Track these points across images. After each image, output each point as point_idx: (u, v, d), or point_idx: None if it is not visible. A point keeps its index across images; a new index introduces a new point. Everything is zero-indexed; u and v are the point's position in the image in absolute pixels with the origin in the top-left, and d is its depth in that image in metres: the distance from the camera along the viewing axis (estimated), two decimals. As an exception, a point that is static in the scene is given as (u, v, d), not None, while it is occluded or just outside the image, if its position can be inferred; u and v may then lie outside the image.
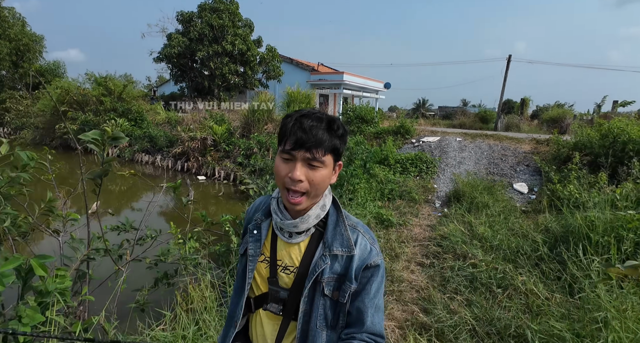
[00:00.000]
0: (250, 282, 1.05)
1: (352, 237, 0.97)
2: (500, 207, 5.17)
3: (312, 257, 0.97)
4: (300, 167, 0.88)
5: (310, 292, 0.97)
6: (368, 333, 0.94)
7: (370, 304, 0.95)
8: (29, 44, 24.94)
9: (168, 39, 20.28)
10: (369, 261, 0.95)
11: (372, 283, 0.96)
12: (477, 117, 22.18)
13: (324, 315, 0.97)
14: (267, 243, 1.05)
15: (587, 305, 2.32)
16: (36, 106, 17.66)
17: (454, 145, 8.59)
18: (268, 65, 21.02)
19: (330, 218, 1.00)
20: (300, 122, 0.87)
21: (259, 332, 1.06)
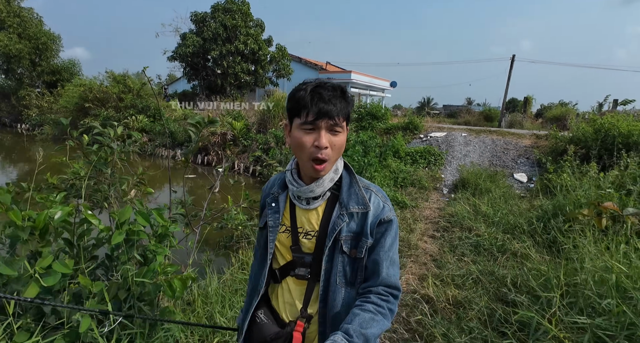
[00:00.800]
0: (272, 252, 1.11)
1: (366, 195, 1.03)
2: (501, 192, 5.83)
3: (330, 219, 1.03)
4: (324, 134, 0.94)
5: (330, 251, 1.03)
6: (383, 286, 1.00)
7: (385, 257, 1.01)
8: (46, 43, 25.69)
9: (182, 39, 21.02)
10: (382, 216, 1.02)
11: (386, 237, 1.02)
12: (481, 115, 22.72)
13: (343, 272, 1.03)
14: (286, 214, 1.11)
15: (568, 254, 2.98)
16: (59, 103, 18.43)
17: (460, 140, 9.24)
18: (278, 64, 21.70)
19: (344, 180, 1.06)
20: (319, 93, 0.93)
21: (287, 299, 1.11)
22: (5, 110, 27.46)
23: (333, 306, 1.02)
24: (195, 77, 22.00)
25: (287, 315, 1.10)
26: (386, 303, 0.97)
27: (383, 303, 0.97)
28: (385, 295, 0.98)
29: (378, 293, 0.98)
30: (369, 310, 0.94)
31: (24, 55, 24.57)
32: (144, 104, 15.70)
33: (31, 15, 26.57)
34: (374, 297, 0.98)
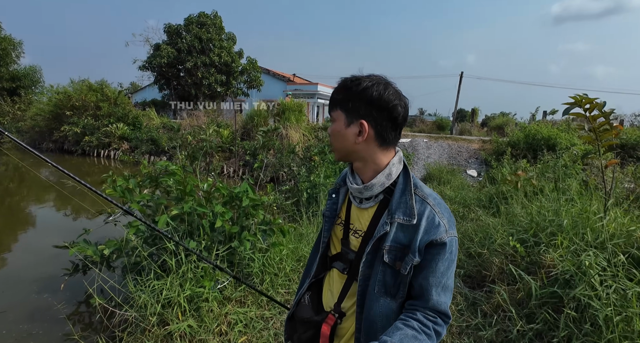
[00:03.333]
0: (326, 241, 1.15)
1: (418, 207, 0.95)
2: (459, 182, 7.56)
3: (377, 223, 0.99)
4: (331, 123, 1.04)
5: (370, 257, 0.99)
6: (432, 310, 0.93)
7: (435, 283, 0.93)
8: (6, 49, 24.83)
9: (156, 49, 21.52)
10: (435, 237, 0.92)
11: (438, 262, 0.93)
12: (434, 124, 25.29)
13: (383, 281, 0.98)
14: (343, 207, 1.12)
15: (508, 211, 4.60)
16: (31, 110, 18.20)
17: (422, 145, 11.06)
18: (249, 75, 22.84)
19: (398, 186, 1.00)
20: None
21: (330, 288, 1.14)
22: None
23: (369, 314, 0.99)
24: (167, 86, 22.51)
25: (327, 302, 1.13)
26: (433, 324, 0.91)
27: (429, 323, 0.91)
28: (433, 316, 0.93)
29: (425, 313, 0.93)
30: (412, 327, 0.88)
31: (-22, 61, 23.64)
32: (121, 112, 16.15)
33: (-16, 19, 25.53)
34: (420, 315, 0.92)
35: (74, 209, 7.71)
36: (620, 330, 2.00)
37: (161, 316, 2.41)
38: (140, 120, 16.43)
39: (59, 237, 3.68)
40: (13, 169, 14.32)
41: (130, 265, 2.75)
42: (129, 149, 15.26)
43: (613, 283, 2.18)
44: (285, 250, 3.26)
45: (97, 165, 14.48)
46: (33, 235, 6.57)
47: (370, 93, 0.93)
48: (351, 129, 0.97)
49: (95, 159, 15.56)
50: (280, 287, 3.12)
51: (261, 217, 3.27)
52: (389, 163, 1.00)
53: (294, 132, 13.44)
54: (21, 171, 13.94)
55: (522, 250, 2.93)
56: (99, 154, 15.60)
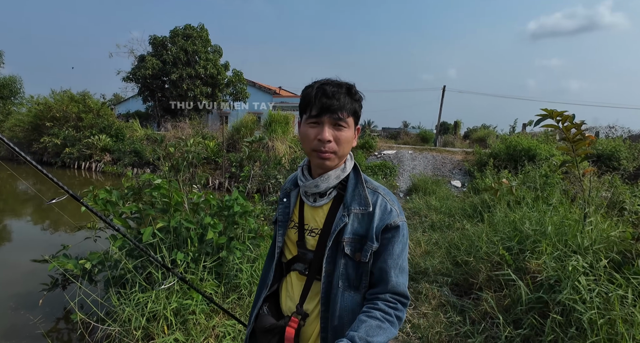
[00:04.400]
0: (281, 247, 1.15)
1: (371, 197, 1.02)
2: (443, 193, 7.67)
3: (333, 218, 1.03)
4: (327, 129, 0.96)
5: (332, 252, 1.02)
6: (392, 293, 0.98)
7: (394, 265, 0.98)
8: (-18, 59, 24.27)
9: (140, 61, 21.38)
10: (389, 221, 0.99)
11: (395, 244, 0.99)
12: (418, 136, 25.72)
13: (345, 275, 1.01)
14: (295, 210, 1.13)
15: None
16: (9, 121, 17.70)
17: (408, 156, 11.22)
18: (235, 88, 22.87)
19: (350, 181, 1.06)
20: (323, 89, 0.95)
21: (289, 293, 1.13)
22: None
23: (334, 309, 1.00)
24: (151, 98, 22.30)
25: (287, 308, 1.12)
26: (394, 310, 0.95)
27: (391, 310, 0.95)
28: (393, 302, 0.96)
29: (386, 300, 0.96)
30: (376, 318, 0.92)
31: (-46, 71, 22.97)
32: (104, 123, 15.88)
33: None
34: (381, 304, 0.95)
35: (52, 223, 7.47)
36: (604, 332, 2.04)
37: (146, 330, 2.35)
38: (124, 132, 16.18)
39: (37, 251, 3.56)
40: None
41: (114, 279, 2.67)
42: (112, 160, 14.97)
43: (596, 286, 2.24)
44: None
45: (77, 178, 14.10)
46: (9, 250, 6.31)
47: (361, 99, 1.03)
48: (354, 134, 1.04)
49: (75, 171, 15.17)
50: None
51: (252, 224, 3.24)
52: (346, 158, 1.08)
53: (280, 144, 13.46)
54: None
55: (509, 258, 2.98)
56: (80, 166, 15.23)
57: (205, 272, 2.73)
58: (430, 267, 3.75)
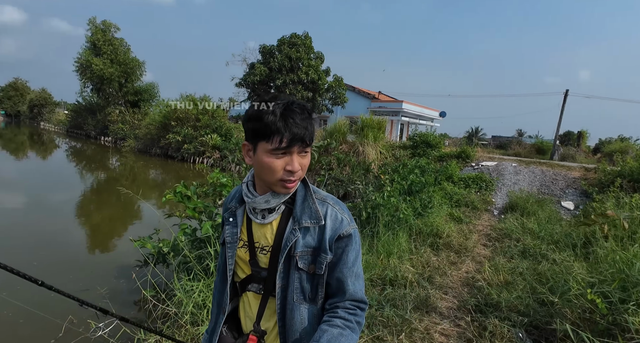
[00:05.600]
0: (232, 268, 1.10)
1: (321, 209, 1.00)
2: (547, 215, 6.62)
3: (283, 233, 1.00)
4: (296, 158, 0.93)
5: (285, 267, 1.01)
6: (351, 301, 0.99)
7: (349, 273, 0.99)
8: (133, 68, 29.50)
9: (251, 68, 23.51)
10: (341, 231, 0.99)
11: (348, 252, 1.00)
12: (533, 147, 22.84)
13: (300, 288, 1.00)
14: (243, 229, 1.09)
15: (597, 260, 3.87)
16: (145, 120, 21.27)
17: (510, 169, 10.01)
18: (335, 92, 23.49)
19: (298, 194, 1.03)
20: (291, 118, 0.89)
21: (247, 312, 1.11)
22: (91, 124, 31.49)
23: (292, 324, 1.00)
24: (259, 102, 24.32)
25: (247, 328, 1.11)
26: (354, 316, 0.97)
27: (351, 317, 0.96)
28: (352, 309, 0.98)
29: (345, 307, 0.98)
30: (337, 326, 0.93)
31: (114, 78, 28.35)
32: (217, 124, 17.85)
33: (122, 44, 30.59)
34: (341, 312, 0.97)
35: (172, 207, 8.68)
36: None
37: (194, 316, 2.52)
38: (232, 132, 17.97)
39: (149, 231, 4.08)
40: (129, 169, 16.68)
41: (180, 265, 2.94)
42: (219, 157, 16.73)
43: None
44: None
45: (191, 171, 16.16)
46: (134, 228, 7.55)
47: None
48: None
49: (191, 164, 17.39)
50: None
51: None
52: None
53: (370, 149, 13.34)
54: (134, 171, 16.22)
55: (603, 307, 2.40)
56: (195, 160, 17.40)
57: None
58: (504, 301, 3.26)
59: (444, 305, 3.42)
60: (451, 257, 4.75)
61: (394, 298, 3.40)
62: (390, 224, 5.04)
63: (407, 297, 3.42)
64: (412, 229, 5.32)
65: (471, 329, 2.97)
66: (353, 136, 14.90)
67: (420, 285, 3.75)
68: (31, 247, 5.89)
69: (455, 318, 3.20)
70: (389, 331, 2.84)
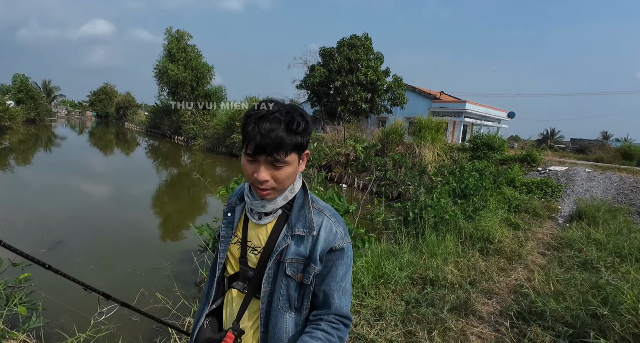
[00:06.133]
0: (223, 262, 1.12)
1: (316, 219, 1.00)
2: (618, 226, 6.02)
3: (277, 238, 1.01)
4: (264, 169, 0.91)
5: (273, 272, 1.01)
6: (335, 315, 0.98)
7: (337, 287, 0.99)
8: (204, 72, 31.78)
9: (311, 70, 24.12)
10: (334, 244, 0.99)
11: (338, 267, 1.00)
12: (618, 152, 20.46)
13: (287, 296, 1.00)
14: (239, 226, 1.10)
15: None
16: (213, 121, 22.91)
17: (582, 175, 9.18)
18: (394, 93, 23.19)
19: (296, 201, 1.03)
20: (259, 125, 0.87)
21: (229, 309, 1.11)
22: (167, 124, 34.48)
23: (275, 331, 1.00)
24: (318, 103, 24.84)
25: (227, 324, 1.11)
26: (336, 331, 0.97)
27: (333, 331, 0.96)
28: (336, 323, 0.98)
29: (329, 321, 0.98)
30: (318, 338, 0.93)
31: (187, 82, 30.81)
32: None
33: (194, 51, 33.07)
34: (324, 325, 0.97)
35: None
36: None
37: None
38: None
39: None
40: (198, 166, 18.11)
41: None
42: (278, 156, 17.50)
43: None
44: (361, 262, 3.31)
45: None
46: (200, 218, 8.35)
47: (311, 124, 0.98)
48: (300, 164, 1.00)
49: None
50: (354, 298, 3.19)
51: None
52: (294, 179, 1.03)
53: (427, 151, 13.06)
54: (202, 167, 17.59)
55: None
56: (256, 159, 18.42)
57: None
58: (549, 310, 3.12)
59: (484, 309, 3.37)
60: (501, 263, 4.59)
61: (432, 298, 3.43)
62: (437, 226, 5.00)
63: (446, 297, 3.43)
64: (461, 232, 5.21)
65: (510, 335, 2.91)
66: (410, 137, 14.67)
67: (462, 287, 3.72)
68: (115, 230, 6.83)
69: (496, 323, 3.15)
70: (421, 327, 2.90)
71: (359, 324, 2.92)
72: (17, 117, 31.19)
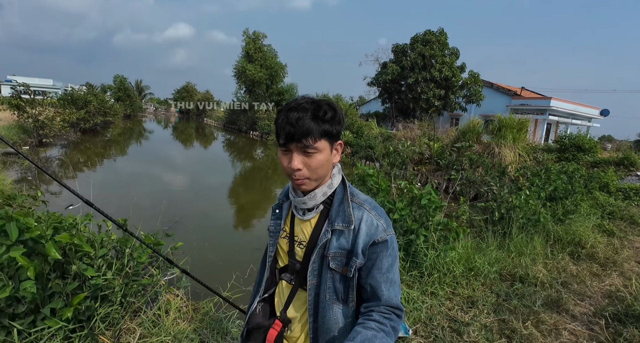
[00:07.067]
0: (272, 255, 1.19)
1: (356, 213, 1.03)
2: None
3: (319, 232, 1.06)
4: (296, 156, 0.95)
5: (317, 266, 1.06)
6: (386, 306, 1.01)
7: (383, 279, 1.02)
8: (278, 71, 33.31)
9: (383, 67, 24.16)
10: (376, 237, 1.01)
11: (382, 259, 1.02)
12: None
13: (333, 288, 1.05)
14: (287, 221, 1.17)
15: None
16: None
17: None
18: (469, 90, 22.34)
19: (336, 196, 1.07)
20: (287, 116, 0.94)
21: (281, 298, 1.18)
22: (243, 120, 36.79)
23: (324, 322, 1.05)
24: (389, 100, 24.83)
25: (278, 313, 1.18)
26: (389, 321, 0.99)
27: (386, 321, 0.98)
28: (387, 314, 1.00)
29: (380, 311, 1.00)
30: (371, 328, 0.95)
31: (263, 81, 32.55)
32: (349, 121, 19.10)
33: (270, 50, 34.69)
34: (376, 315, 0.99)
35: None
36: None
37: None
38: (363, 129, 18.99)
39: None
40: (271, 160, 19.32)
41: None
42: (351, 153, 17.94)
43: None
44: (454, 253, 3.61)
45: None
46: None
47: (342, 117, 1.03)
48: (333, 154, 1.04)
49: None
50: (446, 286, 3.51)
51: (438, 218, 3.74)
52: (330, 174, 1.08)
53: (508, 151, 12.57)
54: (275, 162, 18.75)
55: None
56: (328, 155, 19.06)
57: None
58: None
59: (577, 309, 3.47)
60: (594, 268, 4.53)
61: (522, 293, 3.61)
62: (525, 227, 5.06)
63: (536, 294, 3.59)
64: (549, 235, 5.19)
65: (605, 334, 3.02)
66: (488, 136, 14.19)
67: (552, 287, 3.83)
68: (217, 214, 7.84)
69: (589, 323, 3.26)
70: (515, 317, 3.14)
71: (453, 309, 3.24)
72: (119, 113, 35.58)
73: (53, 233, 2.29)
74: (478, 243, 4.53)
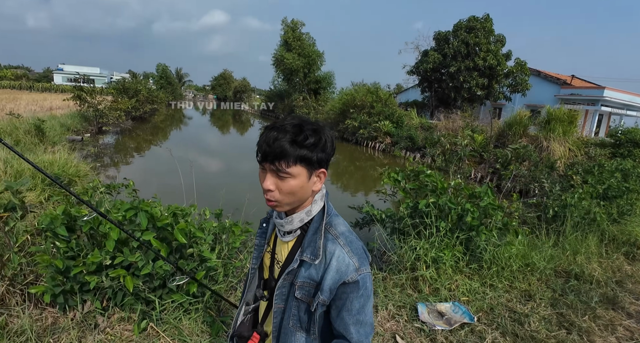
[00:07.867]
0: (255, 268, 1.20)
1: (329, 247, 0.98)
2: None
3: (292, 257, 1.03)
4: (269, 177, 0.93)
5: (286, 291, 1.04)
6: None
7: (353, 321, 0.98)
8: (315, 59, 33.37)
9: (423, 55, 23.69)
10: (346, 277, 0.96)
11: (353, 300, 0.97)
12: None
13: (297, 317, 1.02)
14: (272, 237, 1.16)
15: None
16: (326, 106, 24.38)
17: None
18: (515, 79, 21.50)
19: (312, 225, 1.02)
20: (267, 135, 0.91)
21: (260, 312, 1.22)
22: (280, 108, 37.38)
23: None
24: (429, 89, 24.39)
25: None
26: None
27: None
28: None
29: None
30: None
31: (300, 69, 32.76)
32: (389, 111, 19.07)
33: (308, 38, 34.69)
34: None
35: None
36: None
37: (413, 264, 3.62)
38: (403, 119, 18.92)
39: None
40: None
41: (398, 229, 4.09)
42: (390, 143, 18.00)
43: None
44: (514, 249, 3.82)
45: (364, 154, 17.98)
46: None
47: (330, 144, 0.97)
48: (312, 180, 0.98)
49: (363, 148, 19.25)
50: (504, 279, 3.75)
51: (499, 217, 3.93)
52: (312, 201, 1.03)
53: (557, 145, 12.21)
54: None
55: None
56: (367, 144, 19.19)
57: (457, 242, 3.73)
58: None
59: (632, 308, 3.60)
60: (650, 268, 4.58)
61: (578, 290, 3.78)
62: (579, 225, 5.13)
63: (592, 291, 3.75)
64: (604, 234, 5.23)
65: None
66: (535, 128, 13.79)
67: (608, 285, 3.96)
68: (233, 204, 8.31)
69: (646, 321, 3.40)
70: (572, 312, 3.34)
71: (511, 301, 3.49)
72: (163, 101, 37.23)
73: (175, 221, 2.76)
74: (532, 240, 4.68)
